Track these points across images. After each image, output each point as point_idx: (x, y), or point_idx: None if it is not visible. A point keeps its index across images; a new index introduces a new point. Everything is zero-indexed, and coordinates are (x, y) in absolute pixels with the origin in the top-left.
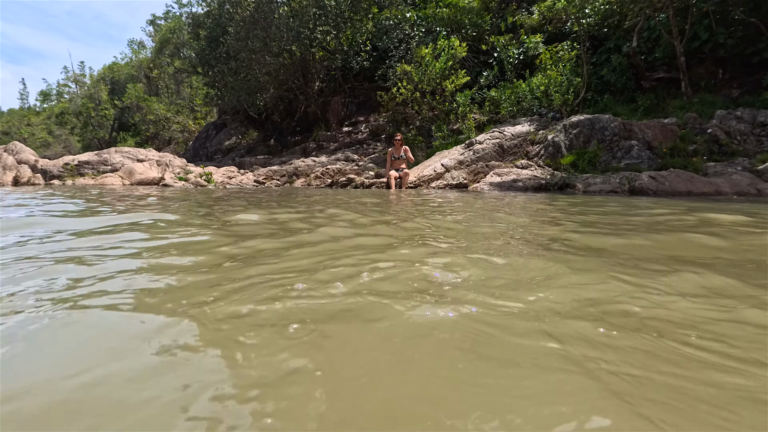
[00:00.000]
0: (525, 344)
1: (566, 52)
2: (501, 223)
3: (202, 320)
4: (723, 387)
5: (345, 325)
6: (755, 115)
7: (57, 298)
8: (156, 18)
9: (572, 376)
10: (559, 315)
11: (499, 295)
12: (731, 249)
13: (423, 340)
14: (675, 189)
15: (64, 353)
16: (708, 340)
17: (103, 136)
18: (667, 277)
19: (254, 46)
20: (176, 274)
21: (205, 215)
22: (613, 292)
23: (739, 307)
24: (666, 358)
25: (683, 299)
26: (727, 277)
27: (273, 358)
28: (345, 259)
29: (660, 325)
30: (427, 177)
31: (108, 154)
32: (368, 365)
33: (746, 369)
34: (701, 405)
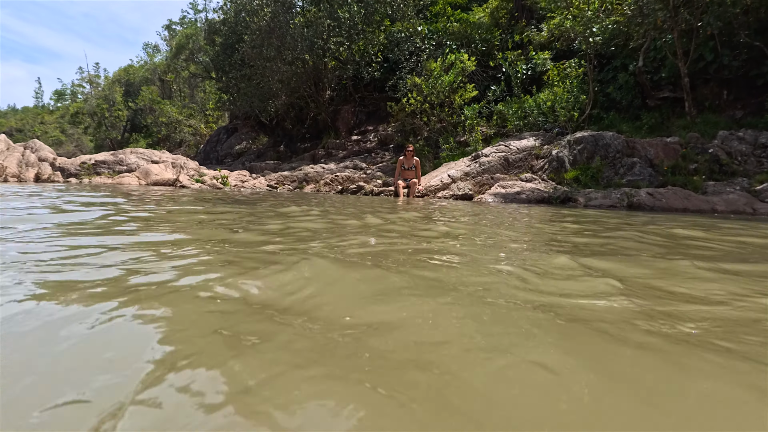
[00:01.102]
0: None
1: (573, 69)
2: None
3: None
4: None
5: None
6: (757, 136)
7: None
8: (172, 23)
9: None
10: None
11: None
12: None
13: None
14: (671, 205)
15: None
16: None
17: (116, 137)
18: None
19: (269, 54)
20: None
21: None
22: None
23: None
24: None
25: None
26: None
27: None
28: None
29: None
30: (434, 187)
31: (123, 155)
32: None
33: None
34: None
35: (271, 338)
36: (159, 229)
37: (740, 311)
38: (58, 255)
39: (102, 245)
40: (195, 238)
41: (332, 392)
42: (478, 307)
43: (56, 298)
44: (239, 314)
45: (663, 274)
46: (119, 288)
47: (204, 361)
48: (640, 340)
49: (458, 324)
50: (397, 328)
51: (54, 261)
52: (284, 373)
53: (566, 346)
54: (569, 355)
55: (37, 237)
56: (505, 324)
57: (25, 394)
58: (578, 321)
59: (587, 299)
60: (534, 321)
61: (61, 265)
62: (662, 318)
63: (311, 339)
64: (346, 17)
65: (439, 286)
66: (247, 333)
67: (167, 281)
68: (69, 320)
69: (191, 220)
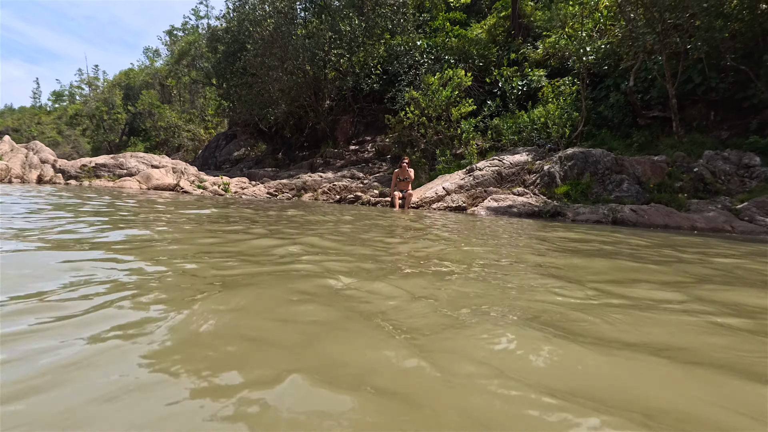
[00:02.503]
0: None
1: (567, 86)
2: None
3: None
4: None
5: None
6: (741, 156)
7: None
8: (174, 29)
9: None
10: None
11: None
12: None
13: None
14: (653, 222)
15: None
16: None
17: (114, 140)
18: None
19: (271, 63)
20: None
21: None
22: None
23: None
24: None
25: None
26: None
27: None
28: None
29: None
30: (429, 198)
31: (124, 159)
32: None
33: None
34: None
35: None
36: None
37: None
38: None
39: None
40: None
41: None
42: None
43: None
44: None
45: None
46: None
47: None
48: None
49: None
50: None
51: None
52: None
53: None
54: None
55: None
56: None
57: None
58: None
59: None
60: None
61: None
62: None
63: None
64: (347, 30)
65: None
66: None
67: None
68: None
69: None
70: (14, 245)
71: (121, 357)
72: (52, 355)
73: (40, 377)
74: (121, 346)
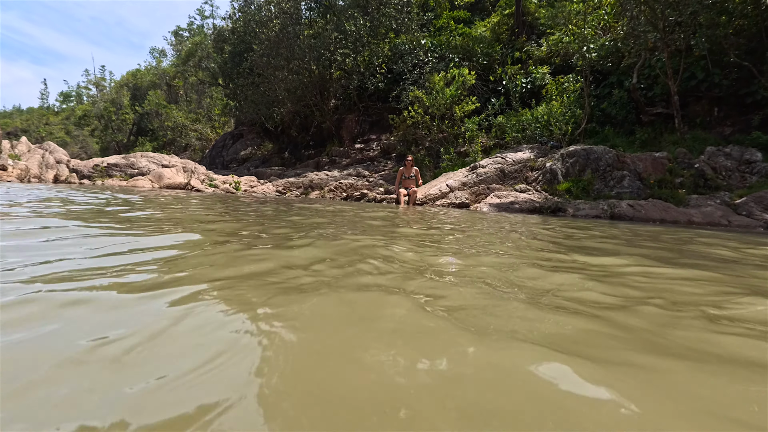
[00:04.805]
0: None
1: (571, 84)
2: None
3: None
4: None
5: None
6: (743, 152)
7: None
8: (180, 29)
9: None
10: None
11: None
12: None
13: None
14: (650, 216)
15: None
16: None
17: (122, 140)
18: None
19: (277, 63)
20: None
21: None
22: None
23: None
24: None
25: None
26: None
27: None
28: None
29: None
30: (433, 195)
31: (135, 158)
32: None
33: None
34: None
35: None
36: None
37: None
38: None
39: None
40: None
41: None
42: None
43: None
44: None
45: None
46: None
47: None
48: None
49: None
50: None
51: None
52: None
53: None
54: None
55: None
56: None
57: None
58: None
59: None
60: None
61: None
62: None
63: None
64: (352, 30)
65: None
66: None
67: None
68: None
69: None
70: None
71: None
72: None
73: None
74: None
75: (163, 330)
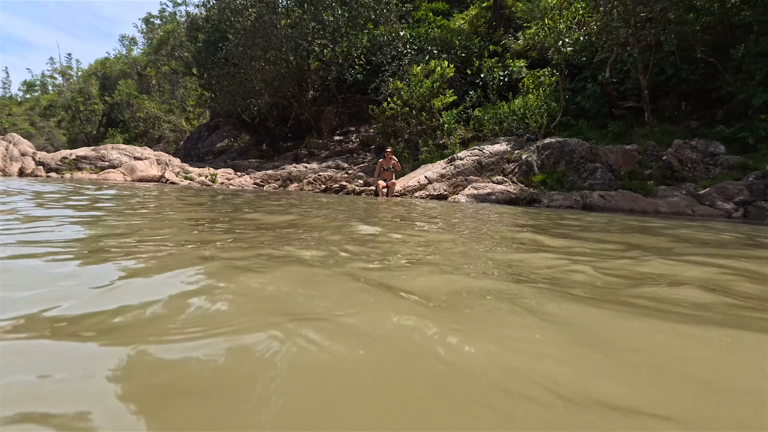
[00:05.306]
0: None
1: (547, 77)
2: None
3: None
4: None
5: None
6: (707, 145)
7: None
8: (151, 16)
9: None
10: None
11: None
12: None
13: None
14: (619, 206)
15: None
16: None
17: (91, 131)
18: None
19: (253, 53)
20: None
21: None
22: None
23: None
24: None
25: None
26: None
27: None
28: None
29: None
30: (412, 187)
31: (105, 150)
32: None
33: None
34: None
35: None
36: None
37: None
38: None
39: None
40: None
41: None
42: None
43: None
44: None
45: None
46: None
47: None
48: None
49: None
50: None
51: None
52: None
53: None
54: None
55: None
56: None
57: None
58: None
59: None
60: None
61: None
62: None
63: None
64: (330, 20)
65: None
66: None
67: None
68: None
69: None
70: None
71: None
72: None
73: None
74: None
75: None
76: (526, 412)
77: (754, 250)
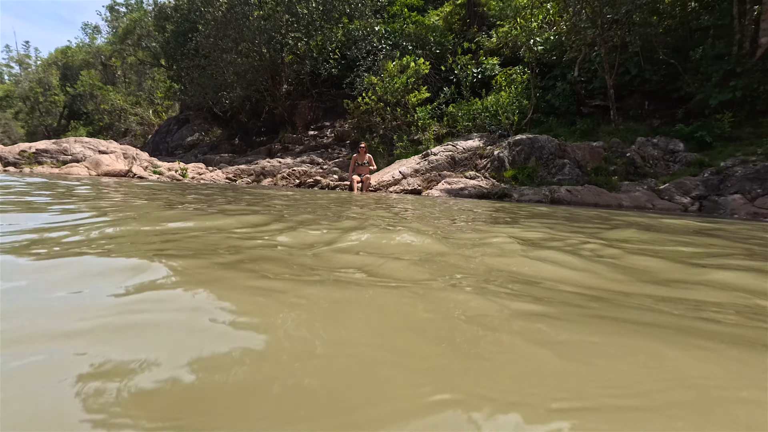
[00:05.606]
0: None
1: (519, 75)
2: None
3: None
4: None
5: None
6: (668, 143)
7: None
8: (116, 3)
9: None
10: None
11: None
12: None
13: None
14: (585, 200)
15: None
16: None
17: (51, 124)
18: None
19: (225, 45)
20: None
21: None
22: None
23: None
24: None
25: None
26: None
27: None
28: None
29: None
30: (386, 182)
31: (68, 144)
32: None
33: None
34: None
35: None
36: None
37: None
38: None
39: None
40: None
41: None
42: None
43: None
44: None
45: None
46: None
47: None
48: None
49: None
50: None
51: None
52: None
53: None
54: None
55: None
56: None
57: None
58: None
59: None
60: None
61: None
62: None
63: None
64: (304, 13)
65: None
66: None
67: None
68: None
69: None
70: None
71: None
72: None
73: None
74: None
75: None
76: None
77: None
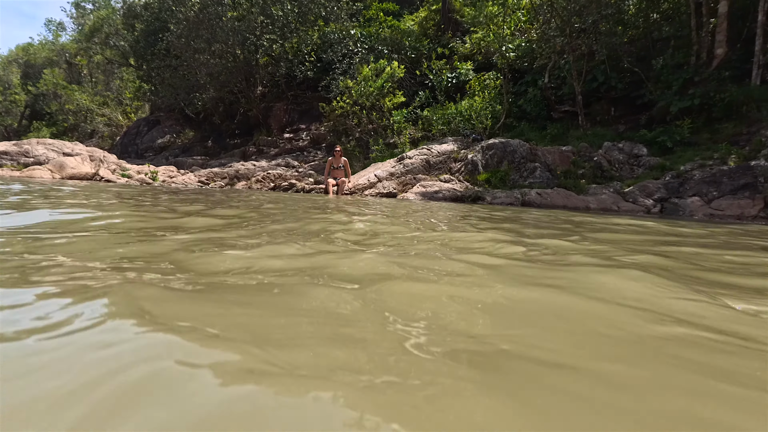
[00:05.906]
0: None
1: (492, 80)
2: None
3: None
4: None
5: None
6: (632, 147)
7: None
8: (82, 0)
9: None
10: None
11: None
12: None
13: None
14: (554, 203)
15: None
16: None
17: (12, 124)
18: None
19: (197, 46)
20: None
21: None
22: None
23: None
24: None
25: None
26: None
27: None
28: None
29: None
30: (362, 186)
31: (29, 145)
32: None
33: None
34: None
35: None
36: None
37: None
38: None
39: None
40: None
41: None
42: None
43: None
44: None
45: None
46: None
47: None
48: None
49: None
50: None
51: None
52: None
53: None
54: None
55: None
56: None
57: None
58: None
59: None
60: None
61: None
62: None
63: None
64: (279, 15)
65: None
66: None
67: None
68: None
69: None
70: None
71: None
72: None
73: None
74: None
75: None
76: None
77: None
